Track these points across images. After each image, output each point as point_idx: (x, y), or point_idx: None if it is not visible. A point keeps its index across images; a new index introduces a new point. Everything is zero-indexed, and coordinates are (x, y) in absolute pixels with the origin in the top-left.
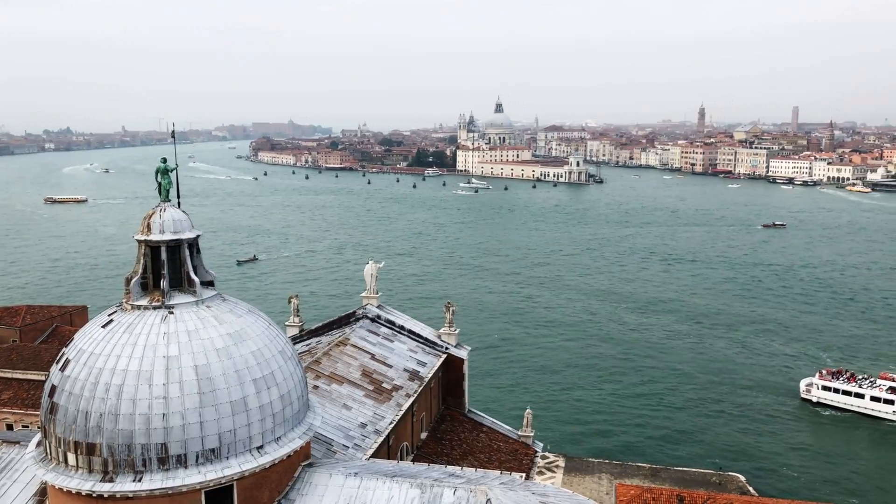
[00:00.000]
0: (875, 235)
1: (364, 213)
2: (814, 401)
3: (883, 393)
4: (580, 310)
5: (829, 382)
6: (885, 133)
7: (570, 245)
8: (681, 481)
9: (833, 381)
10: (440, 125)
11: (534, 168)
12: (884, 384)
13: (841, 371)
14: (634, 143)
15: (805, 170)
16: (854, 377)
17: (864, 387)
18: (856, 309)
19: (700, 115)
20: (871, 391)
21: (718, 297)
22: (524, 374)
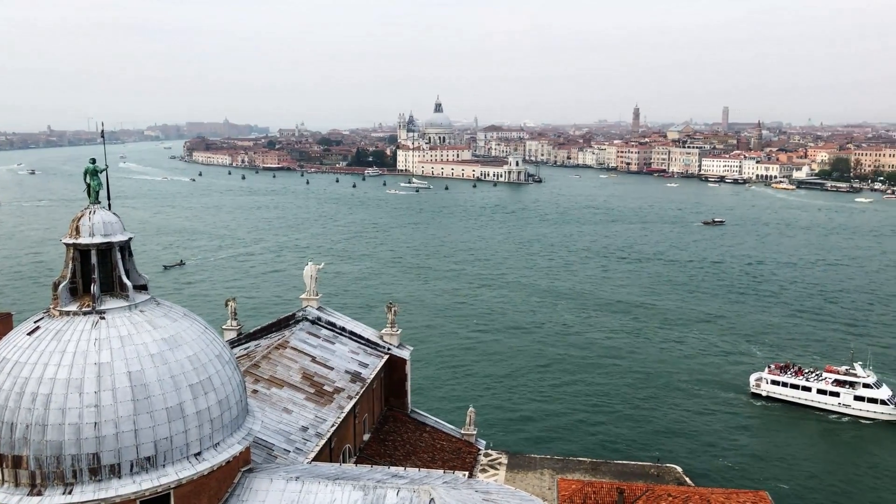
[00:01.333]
0: (805, 232)
1: (303, 213)
2: (763, 395)
3: (829, 386)
4: (521, 307)
5: (777, 377)
6: (808, 132)
7: (511, 244)
8: (621, 474)
9: (781, 376)
10: (380, 124)
11: (474, 168)
12: (829, 377)
13: (788, 365)
14: (572, 143)
15: (735, 168)
16: (801, 371)
17: (810, 380)
18: (799, 304)
19: (635, 116)
20: (817, 384)
21: (663, 294)
22: (467, 373)
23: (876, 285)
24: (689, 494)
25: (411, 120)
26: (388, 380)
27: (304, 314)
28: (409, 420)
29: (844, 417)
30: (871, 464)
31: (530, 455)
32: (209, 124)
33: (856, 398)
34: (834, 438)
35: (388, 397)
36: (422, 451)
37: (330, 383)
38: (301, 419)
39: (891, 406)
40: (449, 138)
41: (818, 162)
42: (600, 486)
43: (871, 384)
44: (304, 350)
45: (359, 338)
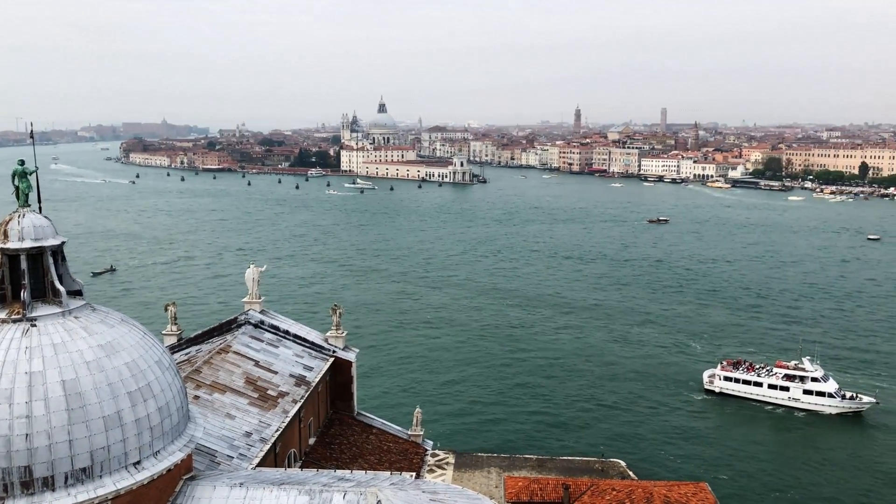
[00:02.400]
0: (745, 230)
1: (245, 215)
2: (717, 391)
3: (779, 381)
4: (468, 307)
5: (730, 373)
6: (743, 133)
7: (457, 244)
8: (566, 470)
9: (734, 372)
10: (323, 125)
11: (419, 168)
12: (780, 372)
13: (740, 362)
14: (515, 144)
15: (674, 168)
16: (753, 367)
17: (762, 376)
18: (746, 301)
19: (576, 117)
20: (768, 379)
21: (611, 292)
22: (414, 374)
23: (816, 281)
24: (633, 488)
25: (355, 120)
26: (333, 383)
27: (246, 318)
28: (355, 422)
29: (794, 411)
30: (815, 454)
31: (477, 454)
32: (147, 125)
33: (805, 392)
34: (782, 431)
35: (334, 400)
36: (368, 453)
37: (274, 387)
38: (245, 424)
39: (837, 399)
40: (393, 139)
41: (752, 161)
42: (546, 483)
43: (819, 378)
44: (246, 354)
45: (303, 341)
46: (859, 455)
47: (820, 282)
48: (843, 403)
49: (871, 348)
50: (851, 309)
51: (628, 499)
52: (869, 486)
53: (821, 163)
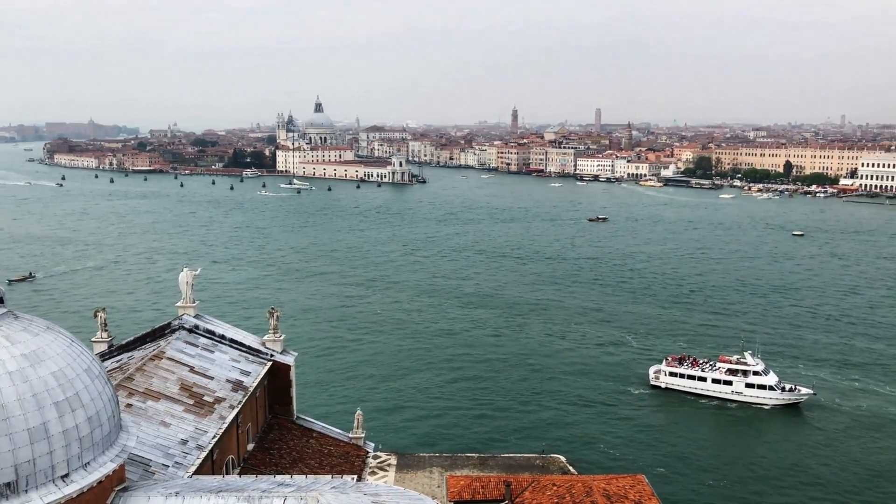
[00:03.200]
0: (683, 227)
1: (178, 217)
2: (662, 387)
3: (723, 375)
4: (408, 308)
5: (675, 368)
6: (674, 132)
7: (397, 244)
8: (508, 467)
9: (679, 367)
10: (258, 125)
11: (357, 168)
12: (723, 366)
13: (685, 357)
14: (454, 144)
15: (608, 168)
16: (697, 362)
17: (706, 370)
18: (687, 298)
19: (513, 117)
20: (712, 374)
21: (555, 291)
22: (354, 376)
23: (748, 277)
24: (573, 482)
25: (291, 120)
26: (271, 387)
27: (180, 323)
28: (294, 427)
29: (737, 404)
30: (755, 445)
31: (419, 454)
32: (72, 125)
33: (747, 385)
34: (725, 424)
35: (273, 405)
36: (309, 457)
37: (210, 393)
38: (180, 432)
39: (777, 391)
40: (330, 139)
41: (683, 161)
42: (488, 481)
43: (760, 371)
44: (181, 360)
45: (240, 345)
46: (797, 445)
47: (752, 277)
48: (783, 396)
49: (805, 341)
50: (783, 303)
51: (568, 493)
52: (805, 474)
53: (748, 162)
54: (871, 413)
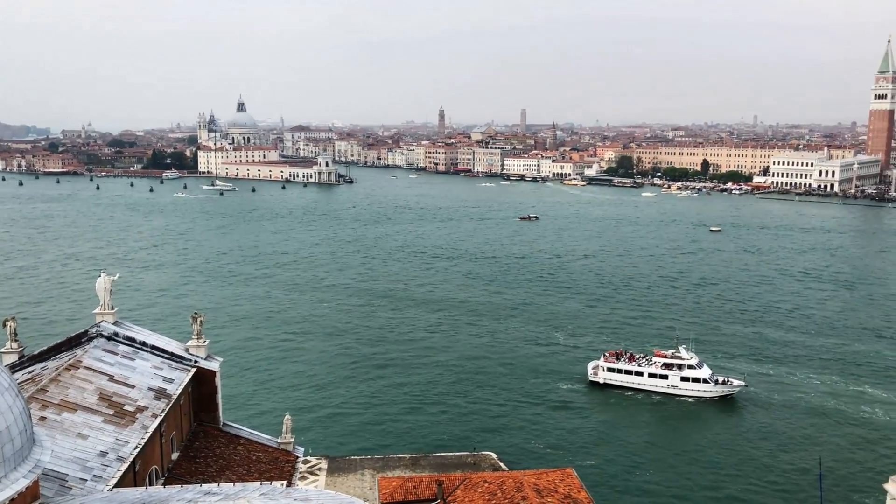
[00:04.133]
0: (612, 225)
1: (95, 221)
2: (600, 382)
3: (658, 369)
4: (337, 310)
5: (612, 364)
6: (597, 133)
7: (325, 246)
8: (440, 466)
9: (616, 363)
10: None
11: (282, 169)
12: (658, 361)
13: (621, 353)
14: (381, 144)
15: (534, 167)
16: (633, 357)
17: (642, 365)
18: (620, 294)
19: (440, 117)
20: (648, 369)
21: (486, 290)
22: (282, 380)
23: (674, 272)
24: (504, 479)
25: (212, 120)
26: (196, 394)
27: (98, 330)
28: (221, 434)
29: (673, 398)
30: (689, 437)
31: (350, 457)
32: None
33: (682, 379)
34: (661, 417)
35: (198, 412)
36: (236, 464)
37: (131, 403)
38: (99, 444)
39: (711, 384)
40: (254, 138)
41: (606, 160)
42: (420, 481)
43: (695, 365)
44: (99, 369)
45: (162, 352)
46: (730, 435)
47: (677, 273)
48: (717, 388)
49: (732, 333)
50: (708, 297)
51: (500, 490)
52: (738, 462)
53: (667, 160)
54: (799, 401)
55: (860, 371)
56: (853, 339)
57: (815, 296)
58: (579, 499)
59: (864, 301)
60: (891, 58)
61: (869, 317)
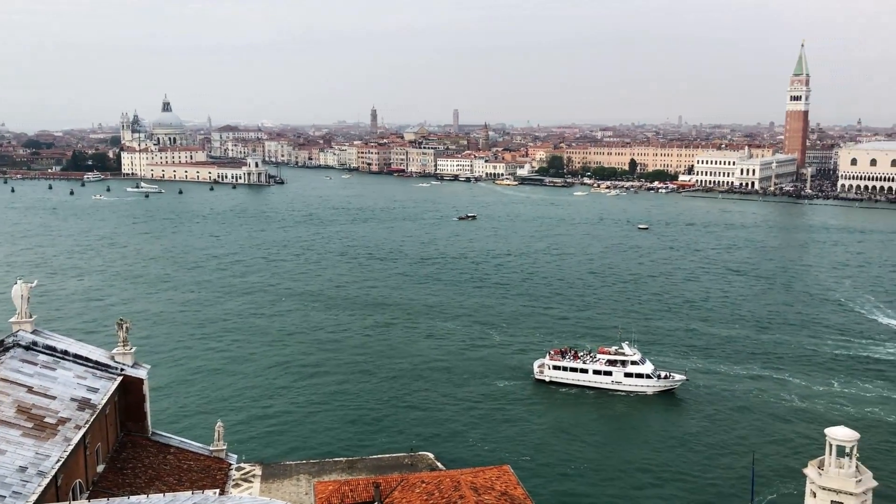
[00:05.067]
0: (539, 223)
1: (10, 226)
2: (546, 380)
3: (602, 366)
4: (269, 313)
5: (558, 362)
6: (528, 133)
7: (256, 248)
8: (377, 468)
9: (561, 360)
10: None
11: (210, 170)
12: (602, 358)
13: (566, 350)
14: (312, 144)
15: (467, 167)
16: (577, 354)
17: (587, 362)
18: (561, 292)
19: (372, 117)
20: (593, 365)
21: (423, 291)
22: (214, 386)
23: (614, 269)
24: (441, 478)
25: (136, 120)
26: (123, 403)
27: (15, 340)
28: (150, 444)
29: (617, 393)
30: (629, 431)
31: (286, 463)
32: None
33: (626, 375)
34: (604, 413)
35: (125, 422)
36: (166, 474)
37: (53, 414)
38: (18, 459)
39: (654, 379)
40: (181, 139)
41: (537, 160)
42: (357, 484)
43: (638, 361)
44: (17, 381)
45: (85, 361)
46: (669, 428)
47: (610, 270)
48: (659, 383)
49: (667, 328)
50: (640, 294)
51: (437, 489)
52: (674, 455)
53: (597, 160)
54: (731, 393)
55: (781, 362)
56: (776, 331)
57: (739, 290)
58: (516, 495)
59: (784, 293)
60: (804, 61)
61: (788, 308)
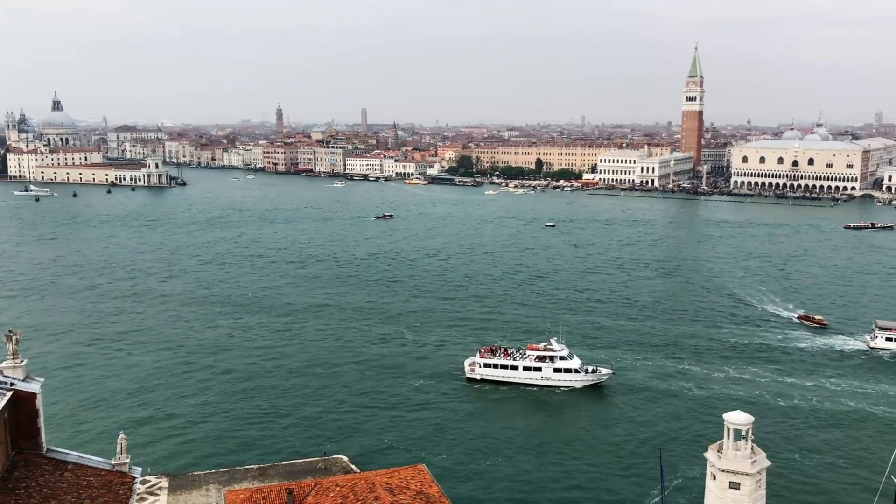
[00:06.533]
0: (451, 221)
1: None
2: (478, 378)
3: (532, 362)
4: (174, 320)
5: (488, 359)
6: (437, 133)
7: (157, 252)
8: (290, 474)
9: (492, 358)
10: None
11: (107, 172)
12: (532, 354)
13: (496, 348)
14: (216, 144)
15: (377, 167)
16: (507, 352)
17: (517, 359)
18: (484, 290)
19: (278, 116)
20: (523, 362)
21: (334, 292)
22: (116, 398)
23: (524, 266)
24: (356, 481)
25: (23, 119)
26: (14, 419)
27: None
28: (45, 461)
29: (547, 389)
30: (555, 425)
31: (194, 473)
32: None
33: (555, 370)
34: (532, 408)
35: (17, 439)
36: (63, 492)
37: None
38: None
39: (582, 374)
40: (73, 139)
41: (447, 160)
42: (269, 491)
43: (566, 356)
44: None
45: None
46: (598, 420)
47: (520, 267)
48: (587, 377)
49: (579, 322)
50: (549, 290)
51: (352, 492)
52: (593, 447)
53: (505, 160)
54: (660, 385)
55: (685, 352)
56: (679, 322)
57: (643, 284)
58: (431, 493)
59: (683, 286)
60: (698, 63)
61: (688, 300)
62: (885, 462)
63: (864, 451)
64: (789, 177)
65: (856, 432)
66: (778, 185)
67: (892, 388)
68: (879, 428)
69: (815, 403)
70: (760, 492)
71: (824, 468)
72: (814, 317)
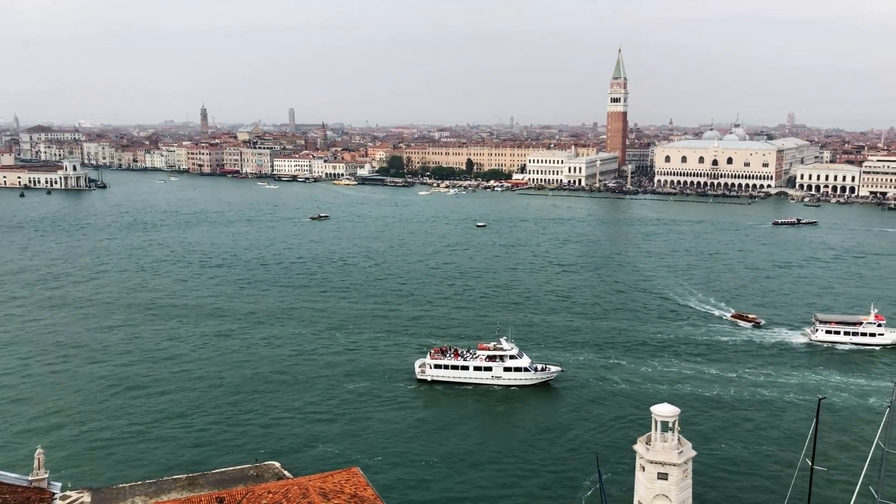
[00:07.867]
0: (384, 222)
1: None
2: (428, 379)
3: (482, 362)
4: (93, 327)
5: (439, 360)
6: (367, 133)
7: (76, 259)
8: (220, 483)
9: (442, 359)
10: None
11: (20, 174)
12: (482, 354)
13: (446, 349)
14: (137, 145)
15: (306, 168)
16: (458, 352)
17: (467, 359)
18: (424, 290)
19: (203, 117)
20: (473, 362)
21: (264, 296)
22: (31, 411)
23: (456, 266)
24: (289, 486)
25: None
26: None
27: None
28: None
29: (498, 388)
30: (505, 423)
31: (118, 486)
32: None
33: (505, 369)
34: (481, 408)
35: None
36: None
37: None
38: None
39: (531, 372)
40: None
41: (378, 160)
42: (199, 500)
43: (515, 355)
44: None
45: None
46: (545, 417)
47: (452, 267)
48: (537, 375)
49: (514, 321)
50: (483, 289)
51: (285, 498)
52: (536, 444)
53: (435, 160)
54: (601, 381)
55: (622, 347)
56: (610, 319)
57: (573, 281)
58: (366, 496)
59: (612, 283)
60: (622, 65)
61: (616, 297)
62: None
63: (793, 435)
64: (710, 175)
65: (786, 416)
66: (699, 184)
67: (833, 376)
68: (803, 414)
69: (767, 395)
70: (687, 481)
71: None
72: (747, 315)
